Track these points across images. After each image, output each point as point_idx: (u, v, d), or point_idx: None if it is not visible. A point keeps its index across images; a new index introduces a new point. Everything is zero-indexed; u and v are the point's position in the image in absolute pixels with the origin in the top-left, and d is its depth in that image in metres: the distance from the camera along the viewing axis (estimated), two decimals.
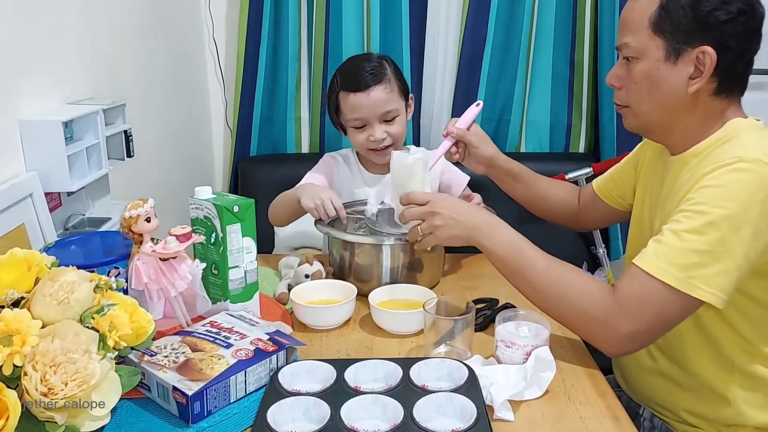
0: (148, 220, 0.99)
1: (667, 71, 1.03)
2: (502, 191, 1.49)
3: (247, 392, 0.92)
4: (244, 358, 0.92)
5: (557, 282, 1.04)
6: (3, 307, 0.81)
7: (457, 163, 1.65)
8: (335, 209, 1.37)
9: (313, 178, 1.57)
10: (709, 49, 0.99)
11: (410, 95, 1.57)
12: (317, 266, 1.31)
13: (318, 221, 1.39)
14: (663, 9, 1.01)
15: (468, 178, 1.62)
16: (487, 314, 1.21)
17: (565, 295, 1.03)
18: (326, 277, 1.31)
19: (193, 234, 1.04)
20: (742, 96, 1.07)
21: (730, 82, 1.03)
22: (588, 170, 2.09)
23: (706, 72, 1.00)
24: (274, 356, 0.95)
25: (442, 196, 1.21)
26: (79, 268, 0.89)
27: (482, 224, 1.10)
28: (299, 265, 1.32)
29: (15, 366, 0.74)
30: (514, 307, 1.16)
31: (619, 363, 1.27)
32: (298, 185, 1.50)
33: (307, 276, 1.29)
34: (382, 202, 1.38)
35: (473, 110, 1.38)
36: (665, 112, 1.06)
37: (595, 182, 1.42)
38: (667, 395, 1.13)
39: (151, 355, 0.92)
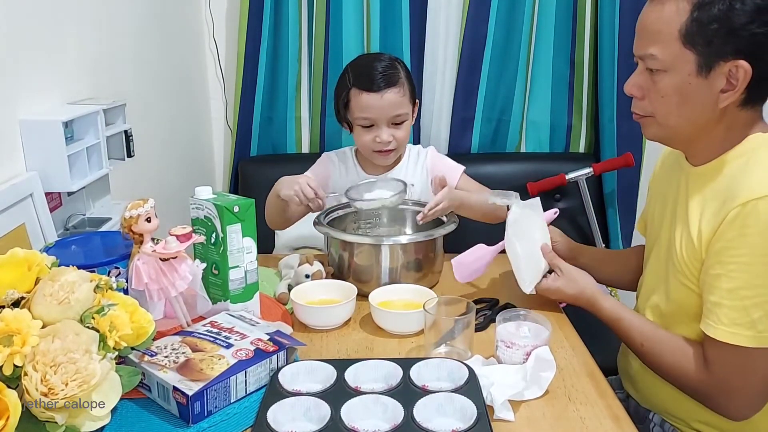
0: (148, 220, 0.99)
1: (698, 85, 0.99)
2: None
3: (248, 392, 0.92)
4: (244, 358, 0.93)
5: (655, 362, 1.11)
6: (3, 307, 0.81)
7: (453, 158, 1.65)
8: (313, 191, 1.37)
9: None
10: (743, 63, 0.95)
11: (416, 101, 1.56)
12: (317, 266, 1.31)
13: (317, 223, 1.39)
14: (694, 21, 0.96)
15: (463, 168, 1.61)
16: (487, 314, 1.21)
17: (668, 378, 1.10)
18: (326, 277, 1.31)
19: (193, 234, 1.04)
20: (764, 103, 1.04)
21: (759, 92, 1.00)
22: (588, 170, 2.08)
23: (739, 86, 0.97)
24: (275, 356, 0.95)
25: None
26: (79, 268, 0.89)
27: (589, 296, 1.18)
28: (299, 265, 1.32)
29: (15, 366, 0.74)
30: (515, 307, 1.16)
31: (626, 371, 1.25)
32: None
33: (307, 276, 1.29)
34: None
35: (550, 216, 1.34)
36: (692, 125, 1.03)
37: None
38: (678, 405, 1.11)
39: (152, 355, 0.92)
